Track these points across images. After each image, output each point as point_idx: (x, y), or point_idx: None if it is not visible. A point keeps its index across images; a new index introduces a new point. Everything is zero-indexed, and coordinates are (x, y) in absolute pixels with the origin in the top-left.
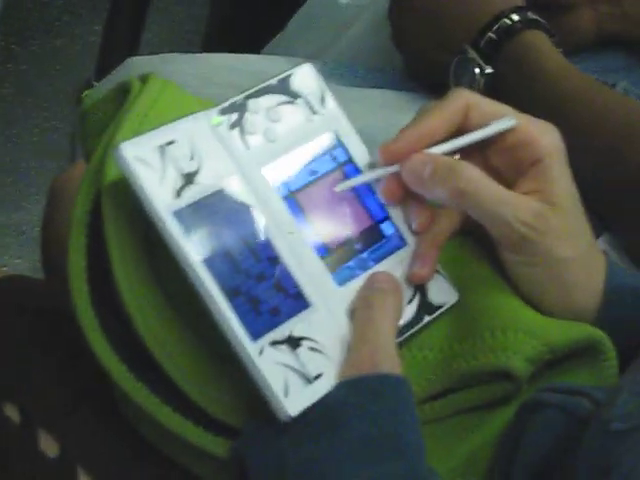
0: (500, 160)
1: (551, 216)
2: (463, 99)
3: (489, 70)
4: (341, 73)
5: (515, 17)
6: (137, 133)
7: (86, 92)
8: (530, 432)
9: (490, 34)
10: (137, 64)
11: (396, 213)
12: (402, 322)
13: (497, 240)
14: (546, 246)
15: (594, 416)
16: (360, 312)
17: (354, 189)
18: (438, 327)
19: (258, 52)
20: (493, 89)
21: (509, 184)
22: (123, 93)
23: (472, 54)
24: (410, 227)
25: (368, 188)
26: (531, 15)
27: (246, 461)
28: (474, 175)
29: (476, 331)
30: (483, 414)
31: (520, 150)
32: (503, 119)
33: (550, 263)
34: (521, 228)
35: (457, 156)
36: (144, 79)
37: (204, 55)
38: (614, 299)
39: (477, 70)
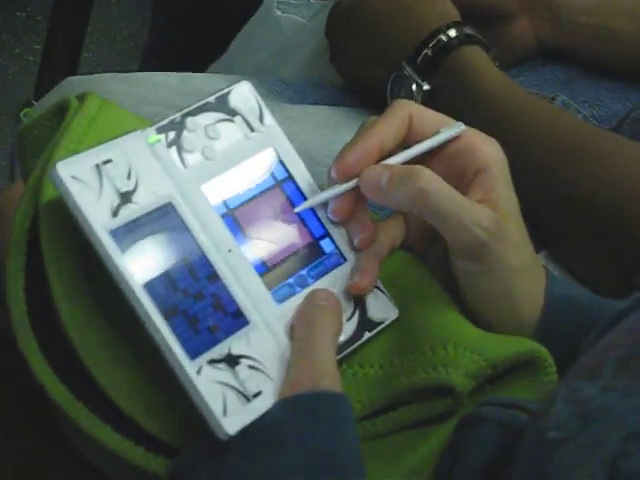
0: (444, 169)
1: (504, 224)
2: (406, 109)
3: (426, 87)
4: (280, 90)
5: (452, 33)
6: (75, 152)
7: (24, 111)
8: (467, 446)
9: (427, 51)
10: (75, 83)
11: (336, 230)
12: (342, 339)
13: (452, 246)
14: (499, 254)
15: (529, 425)
16: (299, 329)
17: (292, 205)
18: (379, 343)
19: (198, 70)
20: (430, 105)
21: None
22: (61, 112)
23: (409, 71)
24: (350, 244)
25: None
26: (468, 30)
27: (185, 479)
28: (433, 176)
29: (416, 346)
30: (426, 430)
31: (464, 157)
32: (452, 126)
33: (500, 272)
34: (481, 233)
35: None
36: (82, 98)
37: (142, 74)
38: (553, 309)
39: (414, 87)
